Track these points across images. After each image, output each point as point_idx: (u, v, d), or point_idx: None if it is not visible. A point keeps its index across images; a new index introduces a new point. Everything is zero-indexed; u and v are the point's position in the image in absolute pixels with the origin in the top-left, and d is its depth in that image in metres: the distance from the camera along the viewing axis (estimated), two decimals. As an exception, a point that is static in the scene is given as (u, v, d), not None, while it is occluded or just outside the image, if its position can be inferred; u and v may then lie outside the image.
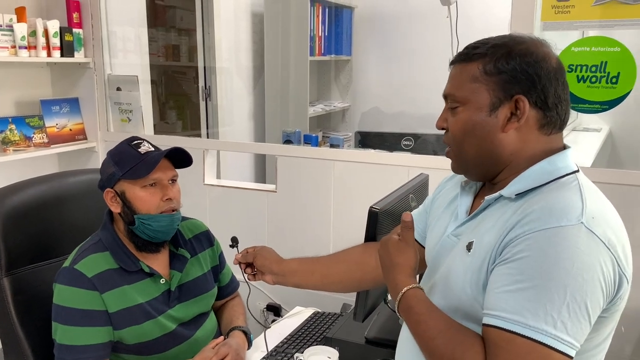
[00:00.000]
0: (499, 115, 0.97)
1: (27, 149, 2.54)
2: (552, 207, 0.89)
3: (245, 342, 1.55)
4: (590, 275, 0.84)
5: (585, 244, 0.85)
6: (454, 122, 1.02)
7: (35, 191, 1.57)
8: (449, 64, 1.06)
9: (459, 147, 1.04)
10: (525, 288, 0.85)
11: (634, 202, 1.78)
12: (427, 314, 0.96)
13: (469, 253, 0.99)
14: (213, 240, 1.66)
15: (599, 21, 1.76)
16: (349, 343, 1.51)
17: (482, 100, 0.98)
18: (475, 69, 0.99)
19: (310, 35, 3.58)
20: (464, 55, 1.02)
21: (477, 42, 1.02)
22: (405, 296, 1.00)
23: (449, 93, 1.03)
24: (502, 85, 0.97)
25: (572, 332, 0.83)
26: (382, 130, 3.86)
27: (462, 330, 0.93)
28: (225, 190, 2.58)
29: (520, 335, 0.83)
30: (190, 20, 3.65)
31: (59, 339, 1.36)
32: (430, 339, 0.93)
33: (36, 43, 2.48)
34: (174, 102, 4.10)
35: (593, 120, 3.27)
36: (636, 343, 1.87)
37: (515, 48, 0.97)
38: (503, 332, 0.85)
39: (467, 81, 1.00)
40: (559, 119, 0.99)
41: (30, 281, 1.50)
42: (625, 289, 0.91)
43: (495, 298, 0.88)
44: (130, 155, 1.42)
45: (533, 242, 0.87)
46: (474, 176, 1.08)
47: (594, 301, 0.85)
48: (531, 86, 0.96)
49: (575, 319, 0.83)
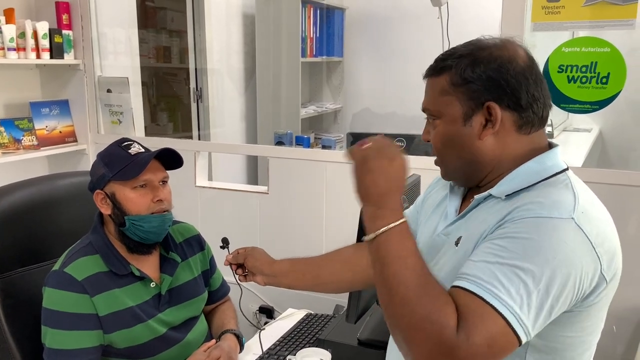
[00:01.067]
0: (474, 124, 0.98)
1: (17, 152, 2.52)
2: (545, 201, 0.90)
3: (237, 345, 1.55)
4: (568, 271, 0.84)
5: (572, 240, 0.86)
6: (434, 135, 1.04)
7: (24, 194, 1.56)
8: (423, 77, 1.06)
9: (442, 159, 1.05)
10: (503, 264, 0.85)
11: (623, 202, 1.79)
12: (408, 251, 0.88)
13: (457, 248, 0.99)
14: (204, 245, 1.65)
15: (589, 22, 1.76)
16: (342, 345, 1.51)
17: (454, 112, 0.99)
18: (443, 82, 0.99)
19: (302, 36, 3.58)
20: (432, 70, 1.03)
21: (445, 53, 1.03)
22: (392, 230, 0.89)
23: (425, 107, 1.05)
24: (470, 95, 0.97)
25: (531, 318, 0.83)
26: (374, 132, 3.85)
27: (439, 287, 0.87)
28: (216, 192, 2.57)
29: (488, 303, 0.83)
30: (181, 21, 3.64)
31: (48, 343, 1.35)
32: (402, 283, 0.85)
33: (25, 45, 2.46)
34: (165, 104, 4.08)
35: (583, 120, 3.28)
36: (628, 342, 1.88)
37: (479, 56, 0.97)
38: (474, 297, 0.84)
39: (437, 95, 1.01)
40: (536, 117, 0.99)
41: (20, 285, 1.48)
42: (602, 288, 0.91)
43: (473, 266, 0.88)
44: (121, 156, 1.41)
45: (522, 225, 0.87)
46: (461, 182, 1.09)
47: (562, 297, 0.85)
48: (500, 91, 0.96)
49: (539, 308, 0.83)
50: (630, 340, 1.87)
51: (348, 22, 4.10)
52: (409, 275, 0.85)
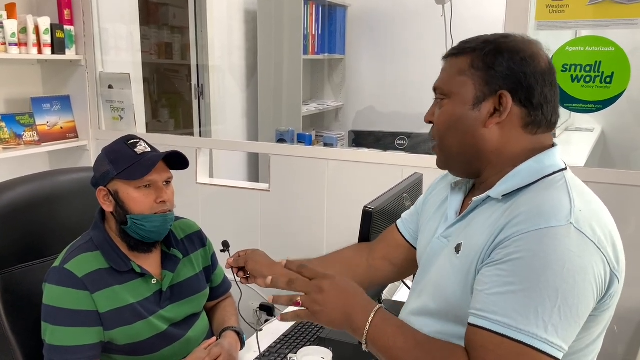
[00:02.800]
0: (482, 110, 0.98)
1: (18, 147, 2.52)
2: (541, 208, 0.89)
3: (237, 343, 1.54)
4: (582, 277, 0.84)
5: (576, 245, 0.85)
6: (439, 115, 1.03)
7: (25, 190, 1.55)
8: (442, 58, 1.06)
9: (442, 141, 1.04)
10: (516, 290, 0.84)
11: (625, 202, 1.79)
12: (394, 336, 0.92)
13: (458, 255, 0.98)
14: (205, 241, 1.65)
15: (593, 21, 1.76)
16: (343, 343, 1.50)
17: (467, 94, 0.99)
18: (464, 63, 1.00)
19: (304, 33, 3.57)
20: (455, 49, 1.03)
21: (471, 38, 1.03)
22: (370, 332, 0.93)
23: (437, 86, 1.05)
24: (487, 80, 0.97)
25: (562, 335, 0.83)
26: (376, 130, 3.85)
27: (437, 341, 0.92)
28: (218, 189, 2.57)
29: (510, 338, 0.82)
30: (183, 18, 3.63)
31: (48, 340, 1.35)
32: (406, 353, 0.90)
33: (27, 40, 2.45)
34: (167, 101, 4.07)
35: (586, 120, 3.27)
36: (629, 343, 1.87)
37: (505, 45, 0.98)
38: (492, 334, 0.84)
39: (455, 74, 1.01)
40: (544, 119, 0.99)
41: (20, 281, 1.48)
42: (615, 287, 0.90)
43: (485, 299, 0.87)
44: (127, 155, 1.41)
45: (523, 243, 0.86)
46: (457, 172, 1.08)
47: (584, 303, 0.85)
48: (517, 83, 0.96)
49: (566, 322, 0.83)
50: (631, 341, 1.87)
51: (350, 19, 4.10)
52: (404, 357, 0.90)
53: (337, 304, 0.94)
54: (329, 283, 0.96)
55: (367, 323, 0.93)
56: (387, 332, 0.92)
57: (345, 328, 0.95)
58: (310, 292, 0.96)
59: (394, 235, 1.29)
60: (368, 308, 0.94)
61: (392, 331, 0.92)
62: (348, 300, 0.95)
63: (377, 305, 0.95)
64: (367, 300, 0.96)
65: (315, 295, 0.95)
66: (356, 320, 0.94)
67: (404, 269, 1.29)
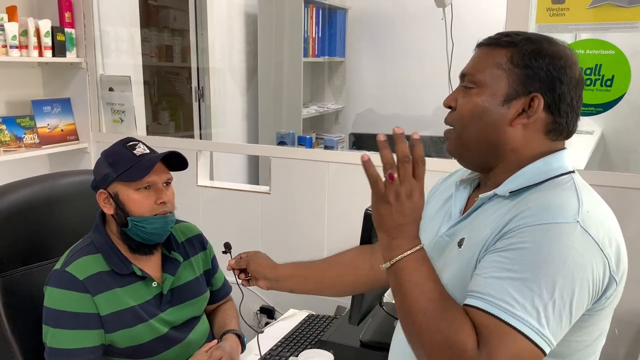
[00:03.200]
0: (511, 108, 0.97)
1: (18, 150, 2.51)
2: (549, 204, 0.89)
3: (238, 346, 1.54)
4: (581, 276, 0.84)
5: (580, 243, 0.85)
6: (464, 102, 1.01)
7: (26, 192, 1.55)
8: (477, 45, 1.04)
9: (463, 128, 1.01)
10: (514, 278, 0.84)
11: (625, 205, 1.79)
12: (420, 286, 0.87)
13: (460, 249, 0.98)
14: (206, 244, 1.65)
15: (593, 24, 1.76)
16: (344, 346, 1.50)
17: (499, 89, 0.97)
18: (502, 56, 0.98)
19: (304, 36, 3.57)
20: (494, 39, 1.01)
21: (509, 31, 1.02)
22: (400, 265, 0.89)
23: (468, 72, 1.02)
24: (523, 80, 0.96)
25: (552, 329, 0.83)
26: (376, 132, 3.84)
27: (456, 307, 0.87)
28: (218, 191, 2.57)
29: (505, 322, 0.82)
30: (183, 20, 3.63)
31: (49, 343, 1.35)
32: (420, 311, 0.86)
33: (27, 43, 2.45)
34: (167, 103, 4.07)
35: (585, 122, 3.27)
36: (630, 345, 1.87)
37: (547, 48, 0.97)
38: (490, 316, 0.84)
39: (490, 65, 0.99)
40: (566, 128, 0.99)
41: (21, 283, 1.48)
42: (613, 290, 0.90)
43: (483, 282, 0.87)
44: (126, 157, 1.41)
45: (528, 235, 0.86)
46: (468, 162, 1.06)
47: (579, 302, 0.85)
48: (551, 89, 0.95)
49: (558, 317, 0.83)
50: (632, 343, 1.87)
51: (350, 22, 4.10)
52: (424, 303, 0.86)
53: (404, 216, 0.88)
54: (417, 197, 0.89)
55: (413, 247, 0.89)
56: (422, 271, 0.88)
57: (384, 235, 0.90)
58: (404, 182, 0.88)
59: None
60: (416, 241, 0.90)
61: (426, 272, 0.88)
62: (410, 223, 0.89)
63: (422, 244, 0.91)
64: (418, 236, 0.92)
65: (401, 192, 0.88)
66: (400, 240, 0.89)
67: None
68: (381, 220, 0.90)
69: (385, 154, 0.88)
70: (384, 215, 0.90)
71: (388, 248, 0.90)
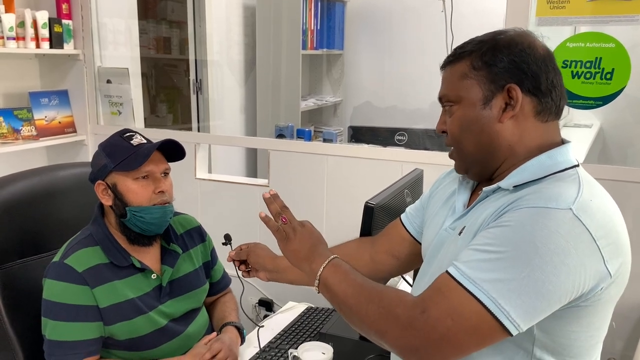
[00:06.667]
0: (493, 107, 0.98)
1: (15, 142, 2.51)
2: (547, 192, 0.90)
3: (238, 338, 1.54)
4: (560, 260, 0.83)
5: (567, 230, 0.84)
6: (450, 121, 1.03)
7: (24, 185, 1.55)
8: (440, 68, 1.07)
9: (459, 146, 1.04)
10: (490, 251, 0.86)
11: (623, 198, 1.78)
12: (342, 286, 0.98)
13: (460, 236, 1.00)
14: (205, 236, 1.65)
15: (593, 17, 1.76)
16: (343, 339, 1.50)
17: (474, 95, 0.99)
18: (464, 67, 1.00)
19: (303, 29, 3.56)
20: (452, 57, 1.04)
21: (464, 42, 1.04)
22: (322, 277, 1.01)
23: (443, 95, 1.05)
24: (492, 78, 0.98)
25: (515, 305, 0.82)
26: (375, 125, 3.85)
27: (385, 288, 0.96)
28: (217, 184, 2.56)
29: (464, 287, 0.84)
30: (181, 12, 3.61)
31: (48, 335, 1.34)
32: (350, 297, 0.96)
33: (25, 34, 2.44)
34: (165, 95, 4.06)
35: (584, 116, 3.27)
36: (627, 339, 1.88)
37: (500, 41, 0.99)
38: (451, 279, 0.86)
39: (458, 80, 1.01)
40: (554, 105, 0.99)
41: (20, 276, 1.47)
42: (608, 282, 0.89)
43: (462, 253, 0.90)
44: (123, 147, 1.40)
45: (517, 215, 0.88)
46: (476, 174, 1.08)
47: (554, 285, 0.83)
48: (522, 74, 0.97)
49: (526, 296, 0.82)
50: (629, 337, 1.88)
51: (349, 14, 4.08)
52: (351, 290, 0.96)
53: (307, 241, 1.06)
54: (308, 225, 1.10)
55: (324, 262, 1.01)
56: (340, 272, 0.99)
57: (304, 264, 1.05)
58: (293, 222, 1.08)
59: (398, 229, 1.29)
60: (327, 255, 1.03)
61: (343, 272, 0.99)
62: (315, 244, 1.06)
63: (335, 255, 1.03)
64: (329, 251, 1.06)
65: (296, 225, 1.08)
66: (315, 261, 1.03)
67: (407, 262, 1.30)
68: (295, 254, 1.07)
69: (273, 207, 1.10)
70: (295, 250, 1.06)
71: (311, 273, 1.03)
